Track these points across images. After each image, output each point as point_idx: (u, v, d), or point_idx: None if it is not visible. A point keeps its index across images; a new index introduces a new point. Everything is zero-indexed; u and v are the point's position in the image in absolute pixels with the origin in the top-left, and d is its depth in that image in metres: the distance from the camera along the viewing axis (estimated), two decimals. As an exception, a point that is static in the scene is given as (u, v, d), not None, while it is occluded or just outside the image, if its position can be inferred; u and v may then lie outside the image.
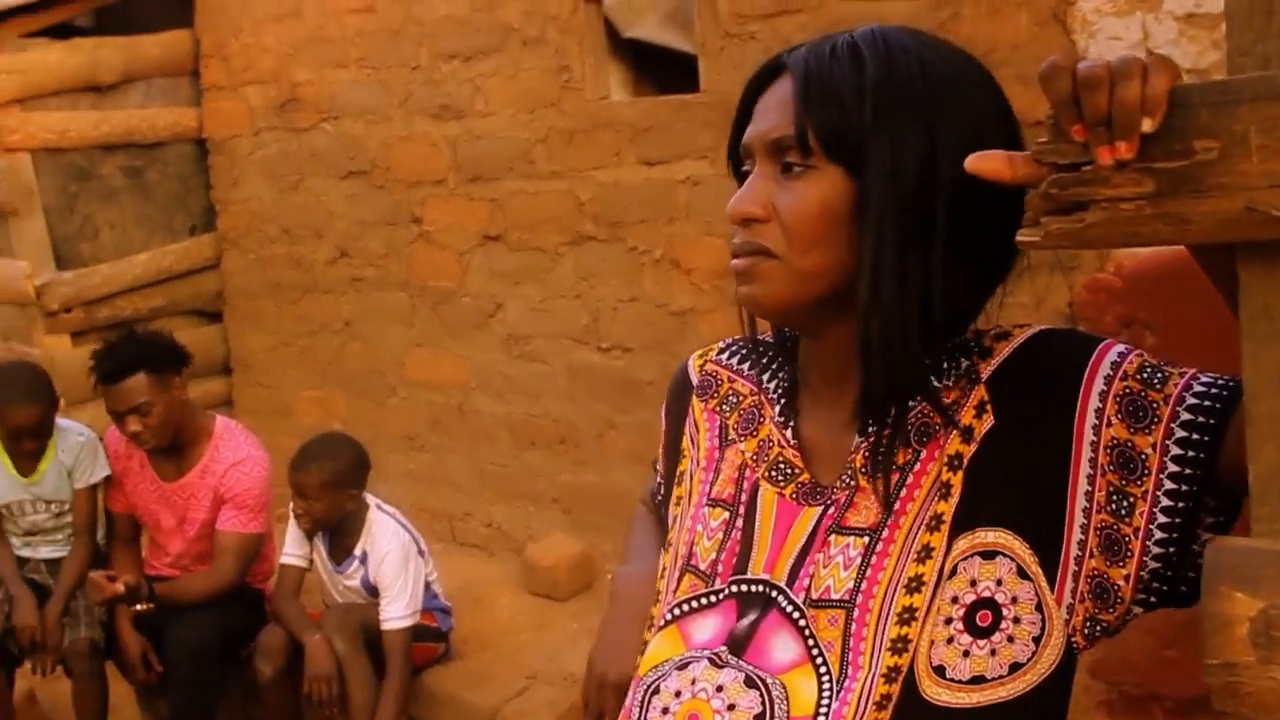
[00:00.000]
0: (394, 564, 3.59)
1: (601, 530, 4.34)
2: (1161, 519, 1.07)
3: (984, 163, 0.98)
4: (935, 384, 1.14)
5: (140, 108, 5.23)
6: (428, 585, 3.80)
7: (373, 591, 3.66)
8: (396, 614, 3.56)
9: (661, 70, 4.32)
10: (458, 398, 4.77)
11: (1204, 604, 0.96)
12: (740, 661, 1.12)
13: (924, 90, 1.07)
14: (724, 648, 1.14)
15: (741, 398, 1.30)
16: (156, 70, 5.25)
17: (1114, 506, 1.08)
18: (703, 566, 1.20)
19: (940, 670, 1.08)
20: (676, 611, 1.20)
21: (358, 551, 3.68)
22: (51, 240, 4.97)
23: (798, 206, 1.10)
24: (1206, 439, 1.06)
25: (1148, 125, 0.89)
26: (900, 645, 1.08)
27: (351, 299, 5.05)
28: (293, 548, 3.78)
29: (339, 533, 3.71)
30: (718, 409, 1.31)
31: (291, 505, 3.65)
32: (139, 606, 3.65)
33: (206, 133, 5.39)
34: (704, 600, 1.19)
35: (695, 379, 1.36)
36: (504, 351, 4.60)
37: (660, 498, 1.42)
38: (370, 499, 3.74)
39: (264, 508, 3.86)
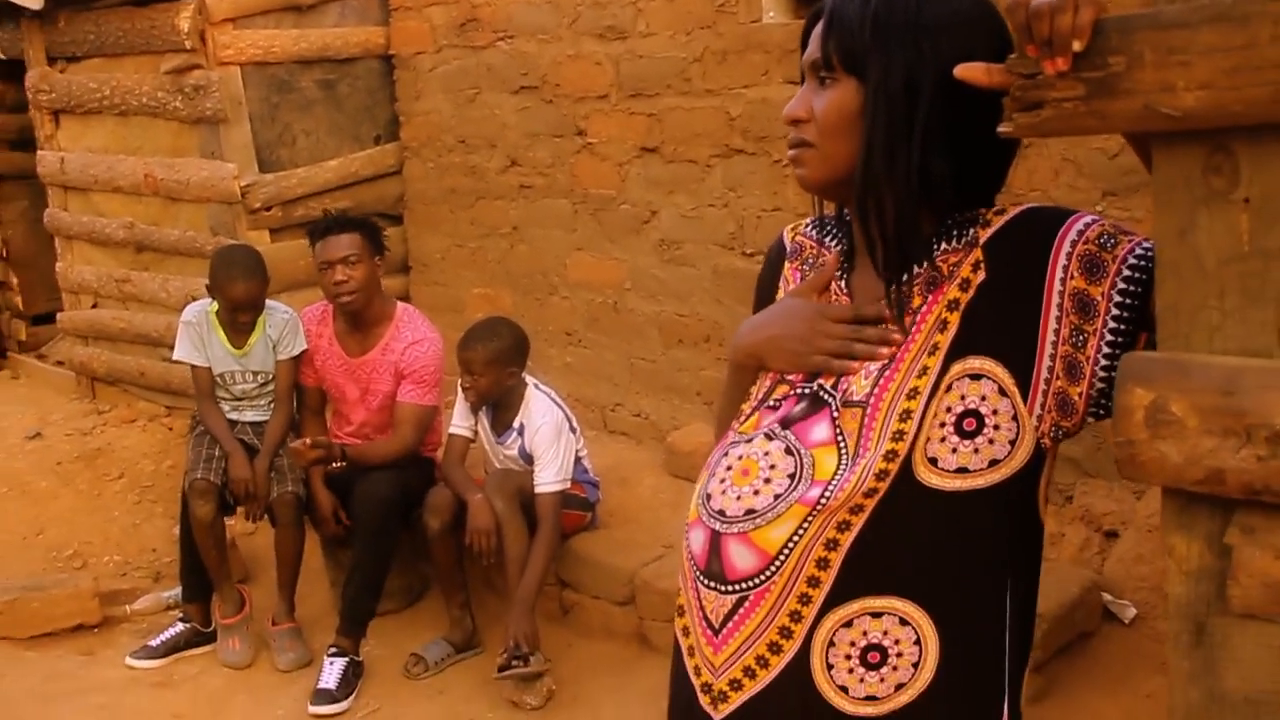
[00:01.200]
0: (547, 435, 4.05)
1: (738, 421, 4.73)
2: (1106, 349, 1.42)
3: (967, 71, 1.35)
4: (934, 245, 1.50)
5: (335, 26, 5.71)
6: (578, 459, 4.25)
7: (529, 460, 4.12)
8: (548, 479, 4.02)
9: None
10: (613, 297, 5.20)
11: (1115, 398, 1.31)
12: (786, 435, 1.52)
13: (914, 19, 1.43)
14: (777, 425, 1.53)
15: (817, 259, 1.69)
16: (350, -9, 5.75)
17: (1074, 340, 1.43)
18: (788, 375, 1.60)
19: (934, 461, 1.45)
20: (760, 404, 1.60)
21: (516, 424, 4.15)
22: (255, 145, 5.51)
23: (825, 108, 1.49)
24: (1140, 289, 1.40)
25: (1077, 45, 1.24)
26: (898, 436, 1.45)
27: (520, 205, 5.50)
28: (460, 420, 4.28)
29: (500, 407, 4.18)
30: (800, 267, 1.72)
31: (459, 381, 4.12)
32: (333, 465, 4.19)
33: (393, 49, 5.86)
34: (779, 398, 1.58)
35: (788, 246, 1.77)
36: (656, 255, 5.00)
37: None
38: (529, 378, 4.20)
39: (437, 384, 4.36)
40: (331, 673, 3.95)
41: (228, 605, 4.28)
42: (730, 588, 1.51)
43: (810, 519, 1.46)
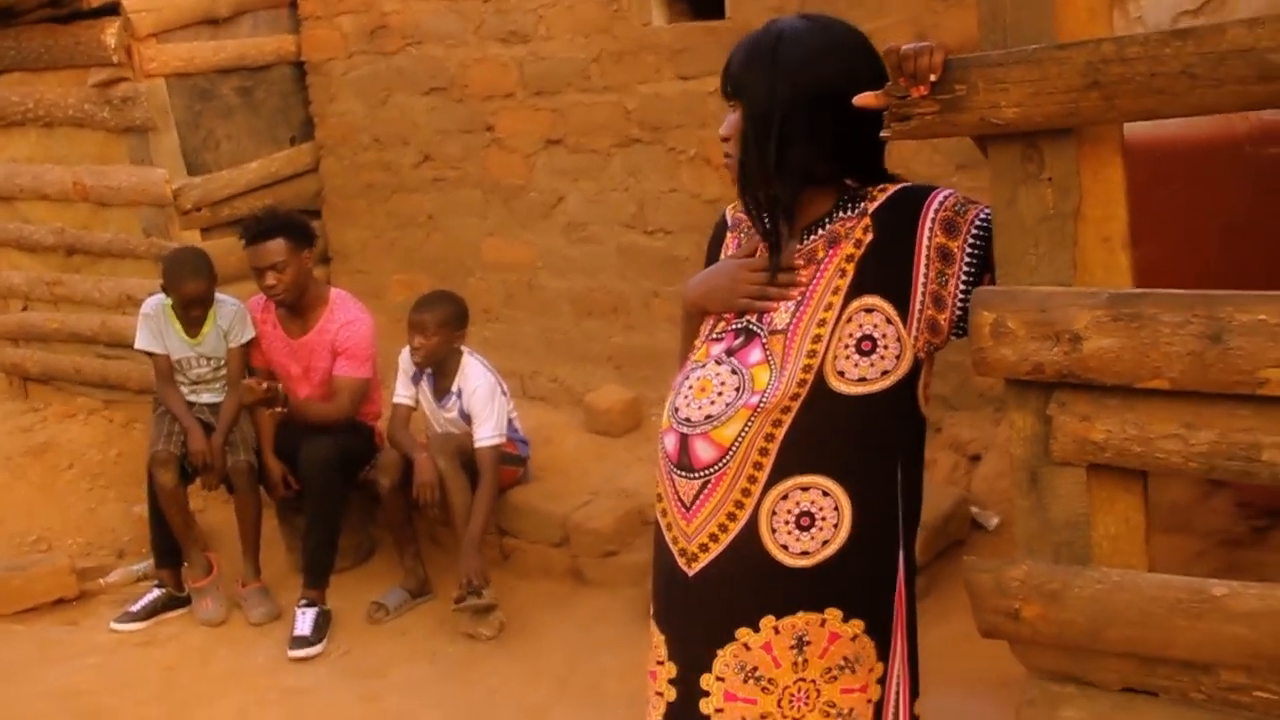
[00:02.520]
0: (483, 395, 4.57)
1: (648, 381, 5.29)
2: (962, 285, 2.00)
3: (865, 99, 1.91)
4: (834, 214, 2.08)
5: (249, 36, 6.08)
6: (510, 420, 4.76)
7: (468, 420, 4.62)
8: (486, 434, 4.53)
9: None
10: (526, 276, 5.71)
11: (970, 319, 1.90)
12: (732, 360, 2.09)
13: (769, 58, 2.02)
14: (725, 353, 2.10)
15: (750, 228, 2.24)
16: (262, 3, 6.08)
17: (939, 280, 2.01)
18: (725, 315, 2.16)
19: (842, 373, 2.03)
20: (709, 337, 2.16)
21: (454, 388, 4.66)
22: (182, 151, 5.85)
23: (732, 129, 2.09)
24: (983, 242, 1.99)
25: (933, 77, 1.82)
26: (811, 354, 2.02)
27: (434, 197, 5.97)
28: (402, 390, 4.78)
29: (439, 374, 4.68)
30: (739, 236, 2.27)
31: (409, 342, 4.61)
32: (277, 409, 4.60)
33: (305, 56, 6.25)
34: (721, 333, 2.15)
35: (729, 221, 2.32)
36: (565, 237, 5.53)
37: None
38: (464, 348, 4.71)
39: (370, 358, 4.84)
40: (305, 621, 4.43)
41: (197, 569, 4.73)
42: (697, 474, 2.07)
43: (753, 419, 2.03)
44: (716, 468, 2.06)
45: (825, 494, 2.04)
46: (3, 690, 4.15)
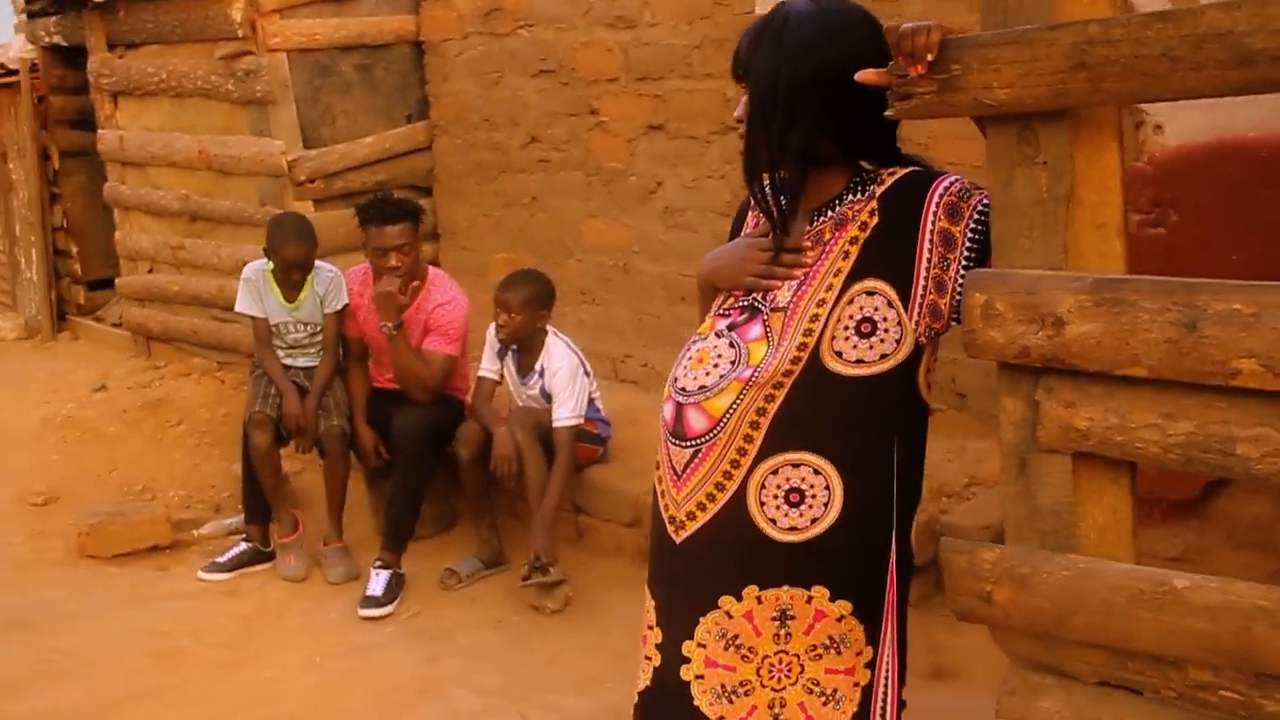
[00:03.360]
0: (564, 376, 4.63)
1: (733, 369, 5.30)
2: (963, 270, 1.99)
3: (866, 75, 1.92)
4: (845, 196, 2.08)
5: (370, 15, 6.28)
6: (591, 400, 4.82)
7: (548, 399, 4.70)
8: (565, 415, 4.60)
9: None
10: (623, 260, 5.78)
11: (963, 300, 1.89)
12: (732, 335, 2.11)
13: (775, 41, 2.03)
14: (726, 327, 2.12)
15: None
16: (384, -17, 6.32)
17: (941, 265, 2.01)
18: (734, 291, 2.18)
19: (839, 354, 2.03)
20: (716, 312, 2.19)
21: (538, 367, 4.74)
22: (299, 124, 6.09)
23: (744, 109, 2.10)
24: (985, 228, 1.97)
25: (930, 56, 1.81)
26: (808, 333, 2.03)
27: (539, 177, 6.07)
28: (488, 364, 4.87)
29: (524, 351, 4.77)
30: (757, 215, 2.27)
31: (494, 319, 4.70)
32: (385, 324, 4.68)
33: (423, 36, 6.43)
34: (730, 310, 2.17)
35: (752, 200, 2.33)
36: (661, 222, 5.57)
37: None
38: (549, 327, 4.79)
39: (460, 338, 4.94)
40: (378, 582, 4.56)
41: (284, 526, 4.91)
42: (689, 443, 2.10)
43: (745, 392, 2.05)
44: (707, 438, 2.09)
45: (816, 472, 2.05)
46: (89, 626, 4.37)
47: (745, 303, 2.14)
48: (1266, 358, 1.56)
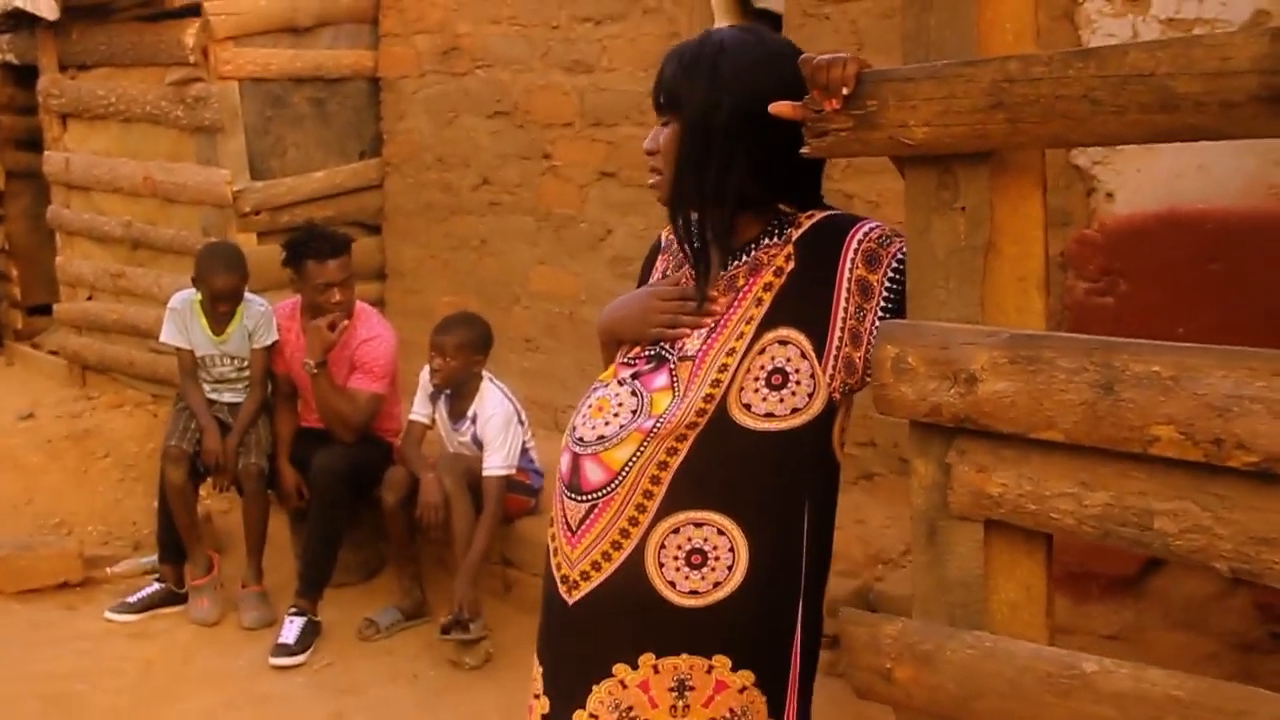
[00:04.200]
0: (497, 424, 4.48)
1: (675, 424, 5.17)
2: (879, 321, 1.87)
3: (779, 108, 1.80)
4: (760, 241, 1.95)
5: (328, 48, 6.16)
6: (525, 449, 4.67)
7: (480, 447, 4.55)
8: (495, 464, 4.45)
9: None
10: (570, 308, 5.64)
11: (874, 353, 1.76)
12: (634, 383, 1.97)
13: (711, 71, 1.89)
14: (628, 375, 1.98)
15: (676, 251, 2.12)
16: (344, 17, 6.18)
17: (857, 315, 1.88)
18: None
19: (748, 406, 1.90)
20: (619, 359, 2.05)
21: (470, 413, 4.58)
22: (248, 155, 5.94)
23: (664, 142, 1.98)
24: (904, 276, 1.85)
25: (845, 91, 1.70)
26: (716, 383, 1.90)
27: (489, 220, 5.95)
28: (419, 408, 4.71)
29: (457, 396, 4.62)
30: (668, 258, 2.17)
31: (429, 363, 4.55)
32: (308, 362, 4.54)
33: (380, 72, 6.31)
34: (633, 356, 2.03)
35: (662, 243, 2.21)
36: (610, 270, 5.45)
37: None
38: (485, 373, 4.64)
39: (387, 375, 4.77)
40: (291, 629, 4.37)
41: (198, 567, 4.71)
42: (585, 497, 1.96)
43: (646, 443, 1.91)
44: (605, 491, 1.95)
45: (720, 532, 1.91)
46: (-19, 666, 4.17)
47: (652, 351, 2.01)
48: (1186, 425, 1.44)
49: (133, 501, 5.58)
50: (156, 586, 4.74)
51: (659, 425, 1.90)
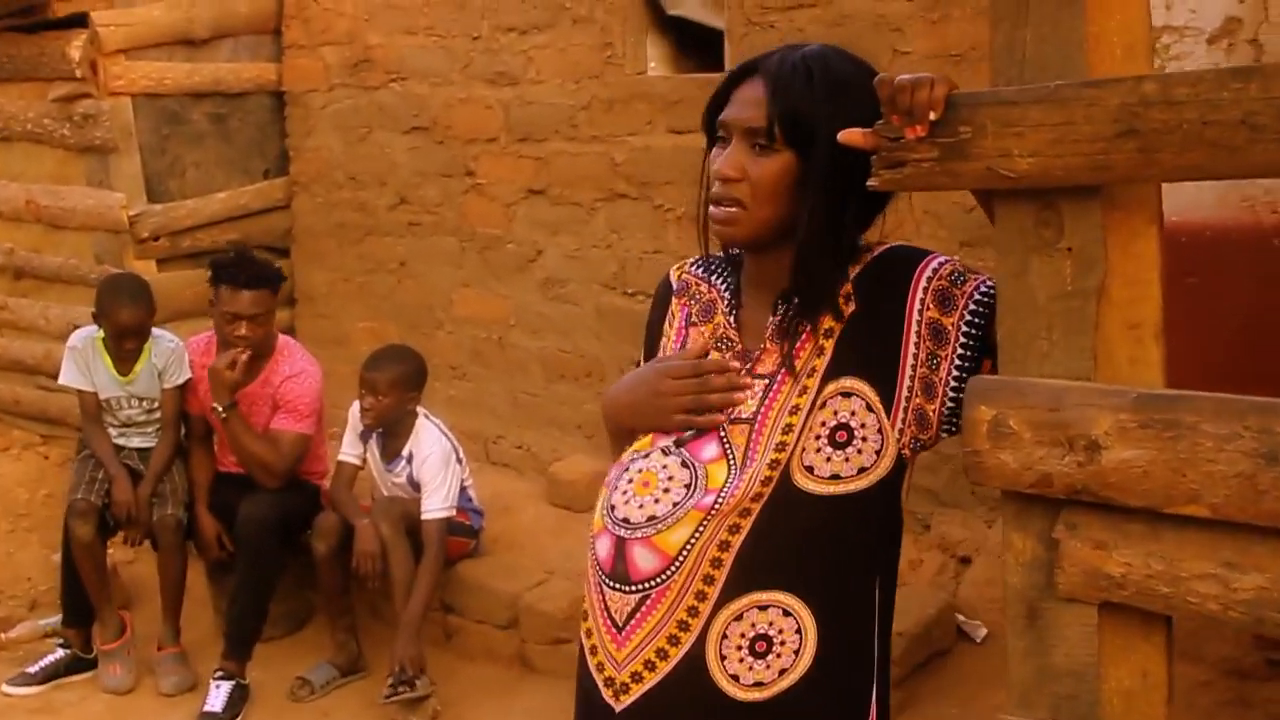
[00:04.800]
0: (435, 464, 4.19)
1: (618, 453, 4.93)
2: (956, 371, 1.65)
3: (850, 137, 1.56)
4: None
5: (227, 61, 5.80)
6: (463, 489, 4.39)
7: (416, 488, 4.25)
8: (434, 506, 4.16)
9: (701, 45, 4.86)
10: (498, 333, 5.36)
11: (964, 414, 1.54)
12: (682, 452, 1.72)
13: (838, 99, 1.62)
14: (673, 444, 1.73)
15: (703, 295, 1.88)
16: (244, 28, 5.83)
17: (930, 363, 1.66)
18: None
19: (810, 469, 1.66)
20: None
21: (405, 452, 4.28)
22: (144, 176, 5.55)
23: (763, 175, 1.67)
24: (983, 321, 1.64)
25: (933, 115, 1.47)
26: (780, 447, 1.66)
27: (408, 241, 5.64)
28: (349, 448, 4.40)
29: (390, 435, 4.31)
30: (687, 303, 1.90)
31: (359, 402, 4.24)
32: (215, 406, 4.22)
33: (285, 86, 5.96)
34: None
35: (675, 284, 1.95)
36: (541, 293, 5.19)
37: None
38: (419, 410, 4.34)
39: (313, 414, 4.44)
40: (218, 696, 4.02)
41: (108, 630, 4.32)
42: (634, 588, 1.69)
43: (705, 523, 1.66)
44: (659, 580, 1.68)
45: (786, 613, 1.67)
46: None
47: None
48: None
49: (26, 555, 5.14)
50: (61, 653, 4.34)
51: (720, 501, 1.66)
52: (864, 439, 1.67)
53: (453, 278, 5.50)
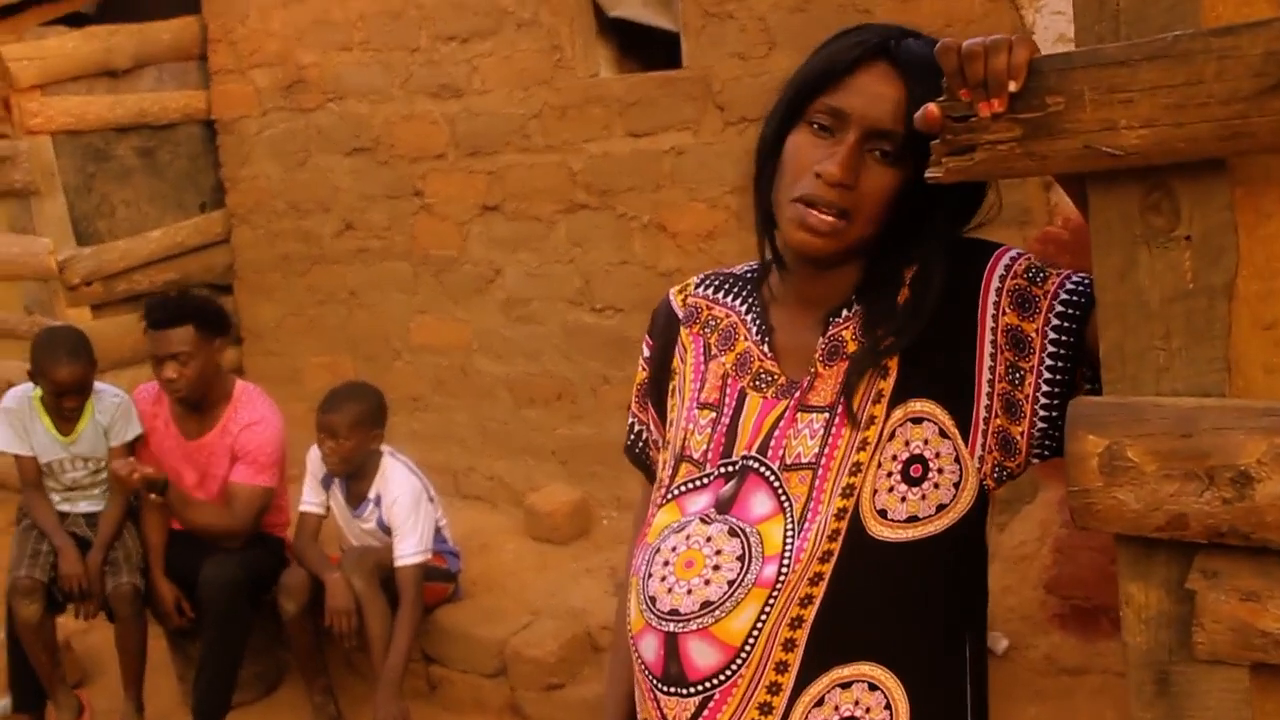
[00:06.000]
0: (406, 505, 3.90)
1: (597, 479, 4.66)
2: (1045, 387, 1.38)
3: (931, 118, 1.26)
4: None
5: (152, 91, 5.50)
6: (438, 530, 4.10)
7: (388, 532, 3.95)
8: (408, 551, 3.86)
9: (645, 47, 4.61)
10: (460, 359, 5.07)
11: (1066, 446, 1.27)
12: (725, 517, 1.43)
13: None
14: (712, 509, 1.45)
15: (719, 320, 1.58)
16: (167, 55, 5.53)
17: (1010, 377, 1.39)
18: (695, 455, 1.51)
19: (883, 513, 1.39)
20: (675, 491, 1.50)
21: (372, 495, 3.98)
22: (71, 218, 5.25)
23: (878, 187, 1.38)
24: (1074, 325, 1.37)
25: (1013, 86, 1.20)
26: (848, 491, 1.39)
27: (357, 269, 5.34)
28: (310, 496, 4.08)
29: (355, 478, 4.01)
30: (700, 332, 1.59)
31: (318, 447, 3.93)
32: (153, 496, 3.93)
33: (215, 114, 5.66)
34: (697, 482, 1.49)
35: (681, 313, 1.63)
36: (503, 315, 4.90)
37: (640, 445, 1.71)
38: (384, 447, 4.04)
39: (274, 464, 4.13)
40: (188, 774, 3.71)
41: (64, 713, 3.99)
42: (693, 689, 1.40)
43: (772, 600, 1.37)
44: (724, 677, 1.39)
45: (872, 687, 1.40)
46: None
47: (728, 466, 1.47)
48: None
49: (-33, 632, 4.77)
50: (15, 739, 4.01)
51: (785, 571, 1.38)
52: (940, 470, 1.40)
53: (407, 304, 5.21)
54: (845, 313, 1.46)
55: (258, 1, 5.38)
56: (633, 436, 1.72)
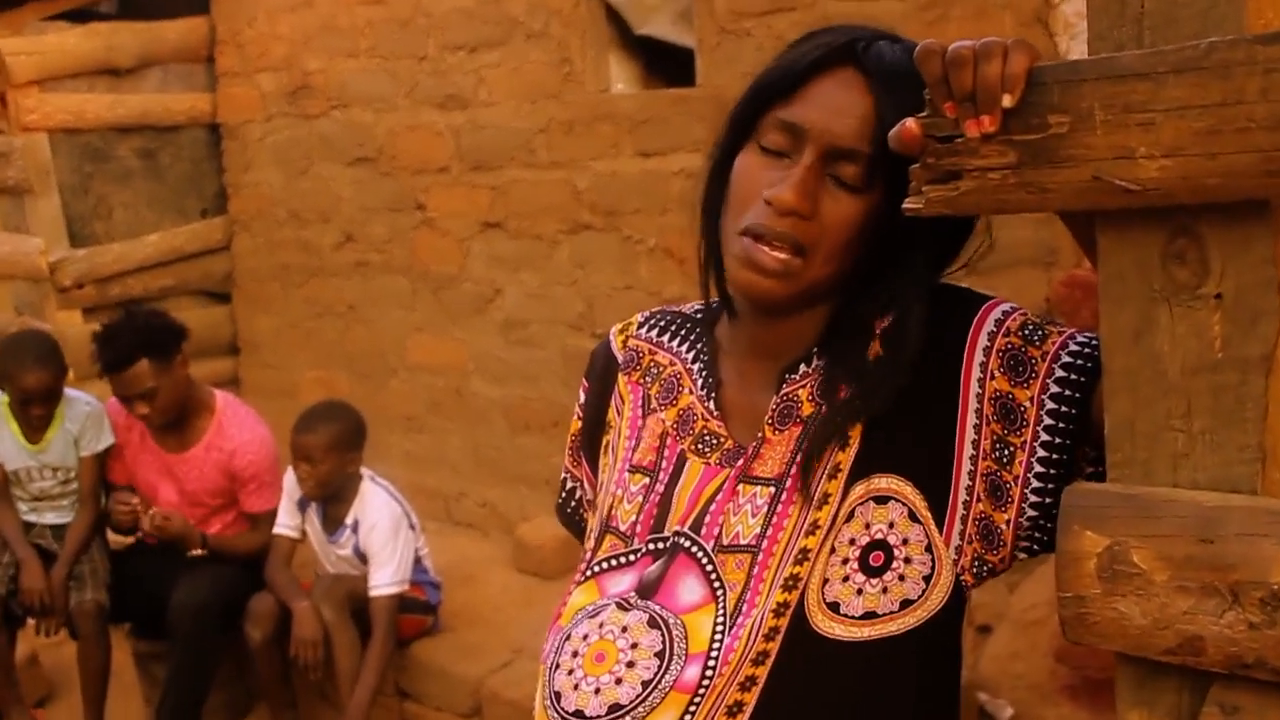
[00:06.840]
0: (384, 532, 3.70)
1: (591, 513, 4.44)
2: (1038, 468, 1.16)
3: (908, 135, 1.04)
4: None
5: (156, 92, 5.36)
6: (418, 559, 3.90)
7: (364, 559, 3.75)
8: (383, 581, 3.66)
9: (672, 67, 4.39)
10: (456, 381, 4.88)
11: (1058, 542, 1.05)
12: (647, 604, 1.21)
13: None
14: (633, 593, 1.22)
15: (662, 368, 1.36)
16: (173, 56, 5.38)
17: (997, 454, 1.16)
18: (622, 528, 1.28)
19: (835, 606, 1.16)
20: (596, 569, 1.28)
21: (349, 520, 3.78)
22: (66, 219, 5.11)
23: (842, 218, 1.16)
24: (1078, 394, 1.14)
25: (1007, 101, 0.98)
26: (791, 583, 1.16)
27: (356, 283, 5.16)
28: (285, 519, 3.89)
29: (332, 502, 3.81)
30: (640, 380, 1.37)
31: (294, 469, 3.74)
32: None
33: (220, 118, 5.50)
34: (621, 559, 1.27)
35: (620, 356, 1.41)
36: (501, 336, 4.70)
37: (573, 504, 1.49)
38: (364, 470, 3.84)
39: (277, 479, 3.99)
40: (140, 808, 3.51)
41: (21, 734, 3.80)
42: None
43: (694, 707, 1.15)
44: None
45: None
46: None
47: (656, 542, 1.25)
48: None
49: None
50: (-33, 762, 3.82)
51: (710, 673, 1.15)
52: (907, 560, 1.17)
53: (405, 321, 5.02)
54: (804, 368, 1.24)
55: (266, 5, 5.22)
56: (564, 494, 1.50)
